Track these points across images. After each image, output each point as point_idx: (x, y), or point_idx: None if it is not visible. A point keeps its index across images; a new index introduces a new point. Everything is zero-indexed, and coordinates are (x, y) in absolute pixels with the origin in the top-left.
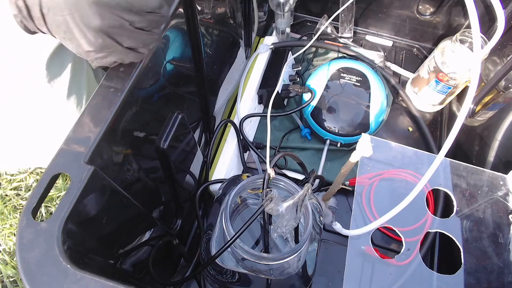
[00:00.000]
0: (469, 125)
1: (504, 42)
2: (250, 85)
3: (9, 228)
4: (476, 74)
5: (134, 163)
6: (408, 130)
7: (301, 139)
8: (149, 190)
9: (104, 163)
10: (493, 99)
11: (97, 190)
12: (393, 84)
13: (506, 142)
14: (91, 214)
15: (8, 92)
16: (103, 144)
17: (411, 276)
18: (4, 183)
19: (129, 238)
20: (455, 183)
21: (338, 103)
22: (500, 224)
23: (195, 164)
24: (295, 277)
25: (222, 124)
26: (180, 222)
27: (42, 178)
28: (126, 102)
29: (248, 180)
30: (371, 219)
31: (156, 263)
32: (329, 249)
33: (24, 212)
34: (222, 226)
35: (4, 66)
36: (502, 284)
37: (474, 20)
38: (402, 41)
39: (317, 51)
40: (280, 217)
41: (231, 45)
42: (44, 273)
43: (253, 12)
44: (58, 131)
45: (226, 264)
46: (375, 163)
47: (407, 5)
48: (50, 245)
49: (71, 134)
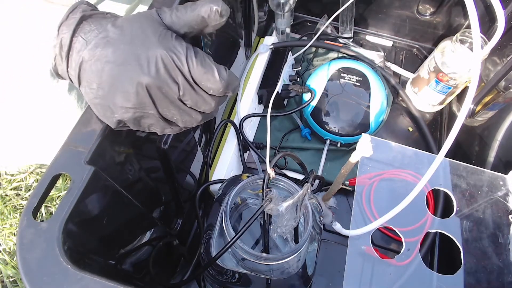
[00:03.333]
0: (469, 125)
1: (504, 42)
2: (250, 85)
3: (9, 228)
4: (476, 74)
5: (134, 163)
6: (408, 130)
7: (301, 139)
8: (150, 190)
9: (105, 163)
10: (493, 99)
11: (97, 190)
12: (393, 84)
13: (506, 142)
14: (92, 214)
15: (9, 87)
16: (104, 144)
17: (411, 276)
18: (4, 183)
19: (130, 238)
20: (455, 183)
21: (338, 103)
22: (500, 224)
23: (195, 164)
24: (295, 277)
25: (222, 124)
26: (180, 222)
27: (43, 178)
28: None
29: (248, 180)
30: (371, 219)
31: (156, 264)
32: (329, 249)
33: (25, 212)
34: (222, 226)
35: (5, 62)
36: (502, 284)
37: (474, 20)
38: (402, 41)
39: (317, 51)
40: (280, 217)
41: (231, 45)
42: (45, 273)
43: (253, 12)
44: (59, 126)
45: (226, 264)
46: (375, 163)
47: (407, 5)
48: (50, 245)
49: (72, 134)
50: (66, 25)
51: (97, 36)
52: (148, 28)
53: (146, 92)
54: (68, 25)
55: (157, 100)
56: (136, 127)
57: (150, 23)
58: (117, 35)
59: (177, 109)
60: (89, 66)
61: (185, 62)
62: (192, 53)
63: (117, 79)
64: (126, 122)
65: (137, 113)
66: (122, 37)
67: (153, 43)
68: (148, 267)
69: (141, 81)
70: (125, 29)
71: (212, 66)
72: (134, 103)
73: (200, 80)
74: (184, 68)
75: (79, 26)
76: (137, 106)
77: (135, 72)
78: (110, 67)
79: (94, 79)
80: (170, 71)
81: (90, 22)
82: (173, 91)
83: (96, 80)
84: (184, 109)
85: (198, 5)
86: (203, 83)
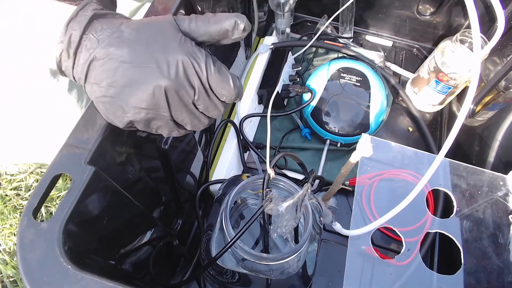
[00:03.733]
0: (469, 125)
1: (504, 42)
2: (250, 85)
3: (9, 228)
4: (476, 74)
5: (135, 163)
6: (408, 130)
7: (301, 139)
8: (150, 190)
9: (105, 163)
10: (493, 99)
11: (98, 191)
12: (393, 84)
13: (506, 142)
14: (92, 215)
15: (9, 87)
16: (104, 144)
17: (411, 276)
18: (4, 183)
19: (130, 238)
20: (455, 183)
21: (338, 103)
22: (500, 224)
23: (195, 164)
24: (295, 277)
25: (222, 124)
26: (180, 222)
27: (43, 178)
28: None
29: (248, 180)
30: (371, 219)
31: (156, 264)
32: (329, 249)
33: (25, 212)
34: (222, 226)
35: (5, 62)
36: (502, 284)
37: (474, 20)
38: (402, 41)
39: (317, 51)
40: (279, 217)
41: (231, 45)
42: (45, 273)
43: (253, 12)
44: (59, 126)
45: (226, 265)
46: (375, 163)
47: (407, 5)
48: (50, 245)
49: (73, 134)
50: (76, 22)
51: (110, 35)
52: (167, 32)
53: (163, 94)
54: (78, 22)
55: (172, 102)
56: (145, 128)
57: (169, 28)
58: (133, 36)
59: (189, 113)
60: (101, 65)
61: (204, 68)
62: (211, 61)
63: (133, 80)
64: (136, 123)
65: (150, 114)
66: (138, 38)
67: (174, 47)
68: (148, 267)
69: (159, 83)
70: (142, 32)
71: (228, 74)
72: (148, 104)
73: (216, 87)
74: (203, 74)
75: (90, 24)
76: (151, 108)
77: (154, 74)
78: (126, 67)
79: (105, 77)
80: (189, 76)
81: (101, 21)
82: (188, 95)
83: (107, 78)
84: (195, 113)
85: (222, 18)
86: (218, 90)
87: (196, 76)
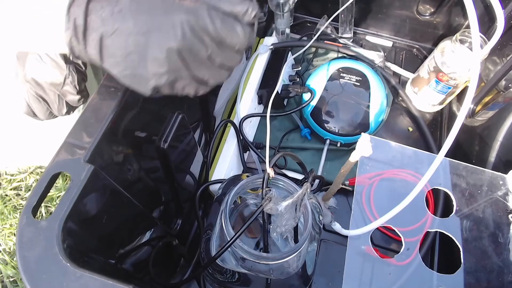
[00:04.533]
0: (469, 125)
1: (504, 42)
2: (250, 85)
3: (9, 228)
4: (475, 74)
5: (134, 162)
6: (408, 130)
7: (301, 139)
8: (149, 190)
9: (104, 162)
10: (493, 99)
11: (97, 190)
12: (393, 84)
13: (506, 142)
14: (91, 213)
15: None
16: (103, 143)
17: (411, 276)
18: (4, 183)
19: (129, 237)
20: (455, 182)
21: (338, 103)
22: (500, 223)
23: (195, 164)
24: (295, 277)
25: (222, 124)
26: (180, 222)
27: (43, 177)
28: (127, 102)
29: (248, 180)
30: (371, 219)
31: (156, 263)
32: (329, 249)
33: (24, 211)
34: (222, 226)
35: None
36: (502, 283)
37: (473, 20)
38: (402, 41)
39: (317, 51)
40: (279, 216)
41: None
42: (44, 271)
43: None
44: (58, 127)
45: (226, 264)
46: (375, 163)
47: (407, 5)
48: (50, 243)
49: (71, 133)
50: (76, 6)
51: (112, 11)
52: None
53: (177, 56)
54: (78, 5)
55: (189, 61)
56: (170, 91)
57: None
58: (134, 7)
59: (207, 68)
60: (111, 41)
61: (209, 22)
62: (214, 13)
63: (145, 48)
64: (161, 88)
65: (171, 77)
66: (140, 8)
67: (175, 8)
68: (148, 267)
69: (170, 46)
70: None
71: (233, 24)
72: (167, 68)
73: (225, 38)
74: (209, 29)
75: (89, 5)
76: (171, 70)
77: (163, 39)
78: (135, 38)
79: (119, 52)
80: (197, 33)
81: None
82: (201, 52)
83: (121, 53)
84: (213, 68)
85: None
86: (228, 40)
87: (203, 32)
